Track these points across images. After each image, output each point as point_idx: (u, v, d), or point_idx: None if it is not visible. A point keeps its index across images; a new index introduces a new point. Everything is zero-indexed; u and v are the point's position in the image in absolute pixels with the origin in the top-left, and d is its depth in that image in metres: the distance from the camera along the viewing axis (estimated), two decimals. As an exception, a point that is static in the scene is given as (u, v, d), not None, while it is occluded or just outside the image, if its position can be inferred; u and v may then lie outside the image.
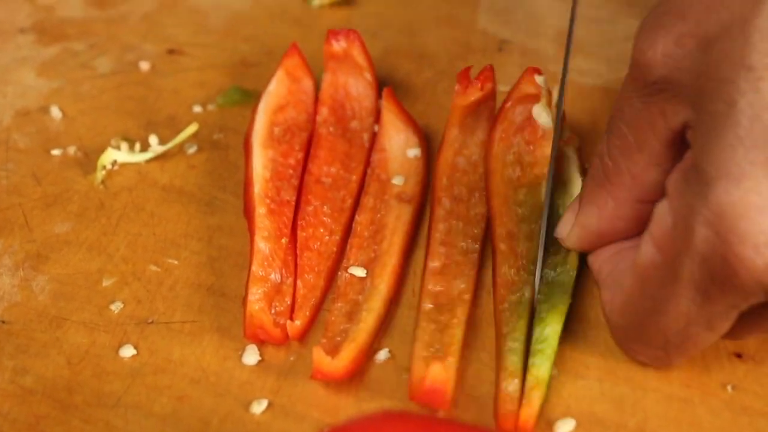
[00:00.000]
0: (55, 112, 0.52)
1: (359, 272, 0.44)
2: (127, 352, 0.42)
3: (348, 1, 0.57)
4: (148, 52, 0.55)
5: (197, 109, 0.52)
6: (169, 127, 0.51)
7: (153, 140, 0.50)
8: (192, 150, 0.50)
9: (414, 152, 0.48)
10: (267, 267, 0.44)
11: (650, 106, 0.37)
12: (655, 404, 0.40)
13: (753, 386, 0.40)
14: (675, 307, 0.35)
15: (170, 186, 0.49)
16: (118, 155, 0.49)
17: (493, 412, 0.40)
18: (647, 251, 0.37)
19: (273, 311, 0.43)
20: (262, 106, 0.49)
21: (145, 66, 0.55)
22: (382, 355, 0.42)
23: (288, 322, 0.43)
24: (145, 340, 0.43)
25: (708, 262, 0.33)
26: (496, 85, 0.49)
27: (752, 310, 0.35)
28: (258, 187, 0.46)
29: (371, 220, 0.47)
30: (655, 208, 0.38)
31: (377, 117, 0.50)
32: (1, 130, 0.52)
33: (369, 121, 0.50)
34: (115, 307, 0.44)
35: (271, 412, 0.40)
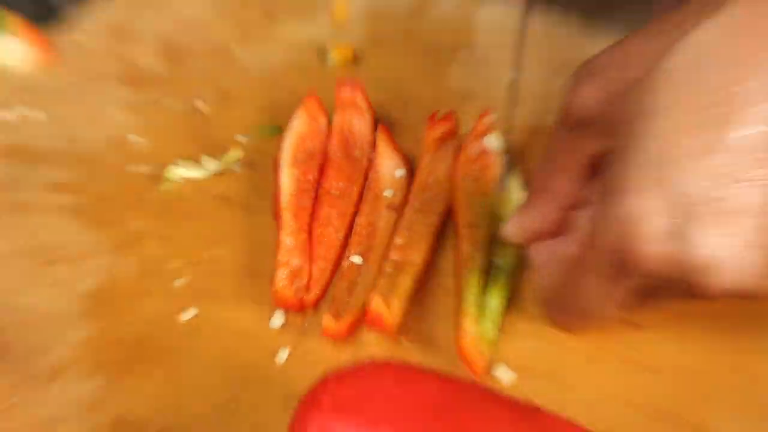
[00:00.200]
0: (135, 139, 0.55)
1: (357, 260, 0.47)
2: (187, 315, 0.45)
3: (355, 60, 0.59)
4: (205, 95, 0.57)
5: (241, 138, 0.54)
6: (220, 152, 0.53)
7: (207, 161, 0.53)
8: (236, 169, 0.53)
9: (400, 173, 0.50)
10: (290, 255, 0.46)
11: (573, 138, 0.39)
12: (574, 360, 0.43)
13: (645, 347, 0.44)
14: (589, 286, 0.37)
15: (220, 195, 0.51)
16: (181, 172, 0.52)
17: (456, 345, 0.42)
18: (571, 246, 0.40)
19: (294, 287, 0.45)
20: (287, 137, 0.51)
21: (202, 106, 0.57)
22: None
23: (305, 295, 0.45)
24: (201, 307, 0.45)
25: (615, 253, 0.34)
26: (457, 123, 0.51)
27: (645, 290, 0.37)
28: (284, 196, 0.48)
29: (367, 222, 0.48)
30: (579, 215, 0.41)
31: (374, 146, 0.51)
32: (96, 152, 0.54)
33: (368, 150, 0.52)
34: (179, 282, 0.47)
35: (291, 360, 0.43)
